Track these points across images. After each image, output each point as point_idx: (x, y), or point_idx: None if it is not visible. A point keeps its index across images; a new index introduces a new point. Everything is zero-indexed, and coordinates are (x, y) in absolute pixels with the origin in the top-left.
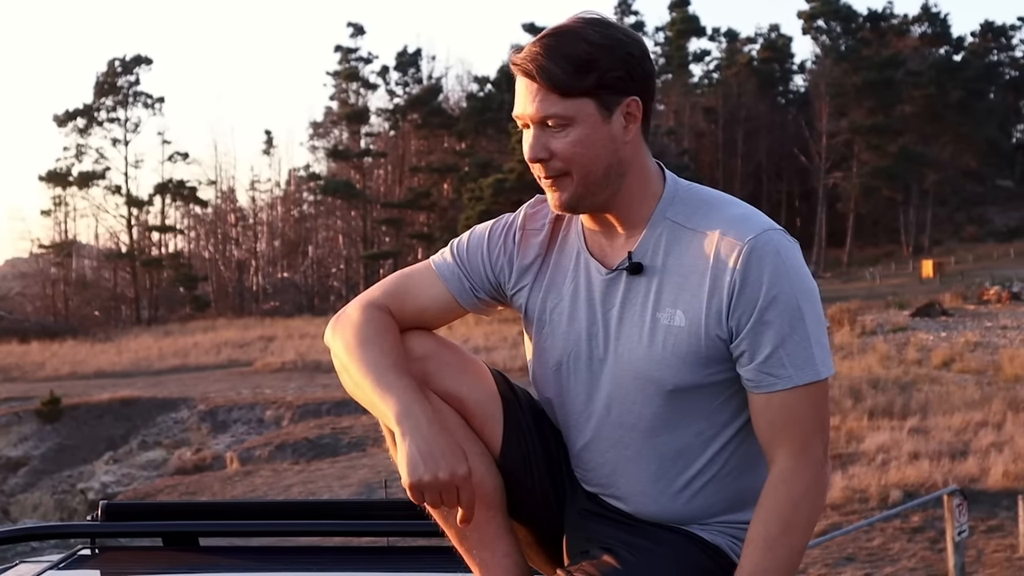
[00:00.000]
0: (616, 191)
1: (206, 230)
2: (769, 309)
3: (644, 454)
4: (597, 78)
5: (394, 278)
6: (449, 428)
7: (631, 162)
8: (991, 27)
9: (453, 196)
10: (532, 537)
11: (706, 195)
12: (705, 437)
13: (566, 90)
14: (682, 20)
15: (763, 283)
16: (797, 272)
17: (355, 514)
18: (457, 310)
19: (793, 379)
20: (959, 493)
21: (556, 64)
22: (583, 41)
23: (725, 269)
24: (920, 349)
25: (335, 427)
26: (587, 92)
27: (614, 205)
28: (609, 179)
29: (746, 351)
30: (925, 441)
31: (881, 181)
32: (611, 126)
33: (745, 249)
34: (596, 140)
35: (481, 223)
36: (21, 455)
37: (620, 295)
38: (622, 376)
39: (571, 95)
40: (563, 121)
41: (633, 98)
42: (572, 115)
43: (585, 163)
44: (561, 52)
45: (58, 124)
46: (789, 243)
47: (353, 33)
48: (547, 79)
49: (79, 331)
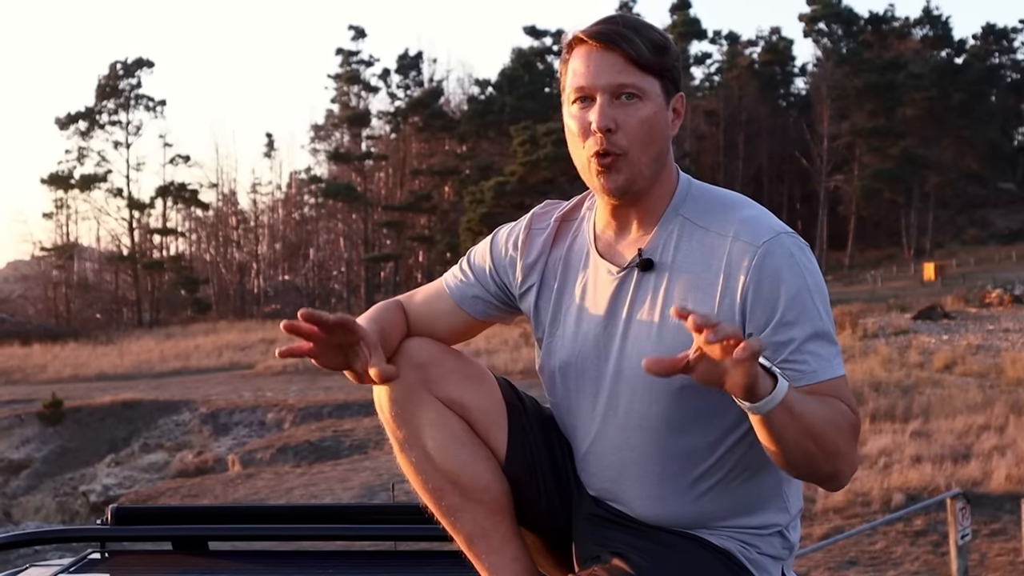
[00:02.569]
0: (652, 183)
1: (207, 233)
2: (789, 310)
3: (650, 455)
4: (668, 62)
5: (414, 291)
6: (454, 434)
7: (668, 157)
8: (992, 30)
9: (454, 199)
10: (540, 542)
11: (719, 194)
12: (712, 439)
13: (645, 64)
14: (683, 23)
15: (780, 286)
16: (811, 273)
17: (363, 518)
18: (466, 320)
19: (818, 374)
20: (962, 496)
21: (638, 38)
22: (653, 28)
23: (738, 271)
24: (922, 352)
25: (337, 430)
26: (660, 72)
27: (645, 198)
28: (655, 167)
29: (765, 352)
30: (927, 444)
31: (882, 184)
32: (667, 114)
33: (760, 252)
34: (658, 122)
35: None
36: (23, 458)
37: (630, 294)
38: (630, 374)
39: (647, 71)
40: (638, 92)
41: (682, 94)
42: (647, 89)
43: (646, 142)
44: (640, 31)
45: (60, 127)
46: (802, 245)
47: (354, 36)
48: (631, 49)
49: (81, 334)
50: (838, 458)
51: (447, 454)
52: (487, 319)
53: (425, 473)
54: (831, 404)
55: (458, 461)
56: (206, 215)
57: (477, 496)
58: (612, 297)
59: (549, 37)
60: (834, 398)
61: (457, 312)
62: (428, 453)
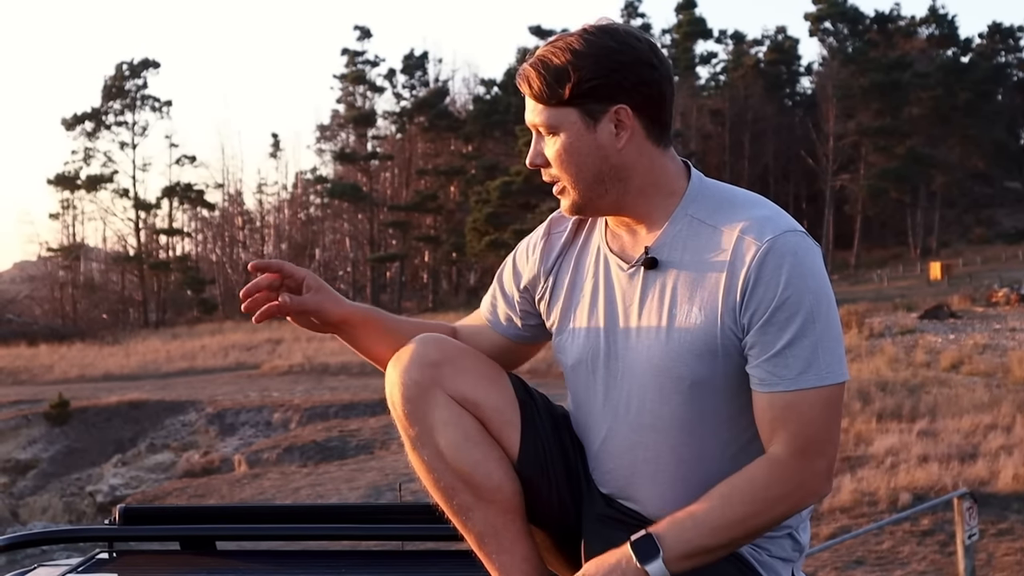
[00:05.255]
0: (622, 194)
1: (213, 233)
2: (781, 309)
3: (662, 456)
4: (573, 88)
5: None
6: (467, 433)
7: (633, 166)
8: (999, 28)
9: (460, 199)
10: (551, 542)
11: (730, 193)
12: (724, 440)
13: (546, 100)
14: (689, 22)
15: (778, 283)
16: (813, 275)
17: (371, 518)
18: (504, 343)
19: (796, 382)
20: (969, 496)
21: (538, 75)
22: (567, 51)
23: (741, 266)
24: (928, 351)
25: (343, 430)
26: (566, 102)
27: (625, 207)
28: (605, 184)
29: (754, 348)
30: (934, 444)
31: (889, 183)
32: (597, 134)
33: (763, 248)
34: (581, 148)
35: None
36: (30, 458)
37: (639, 292)
38: (640, 372)
39: (552, 105)
40: (550, 130)
41: (621, 106)
42: (556, 124)
43: (572, 170)
44: (544, 63)
45: (66, 128)
46: (809, 246)
47: (360, 36)
48: (531, 89)
49: (87, 334)
50: (780, 514)
51: (459, 453)
52: (521, 341)
53: (437, 472)
54: (733, 489)
55: (471, 460)
56: (212, 215)
57: (489, 495)
58: (621, 295)
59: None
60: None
61: (492, 335)
62: (440, 452)
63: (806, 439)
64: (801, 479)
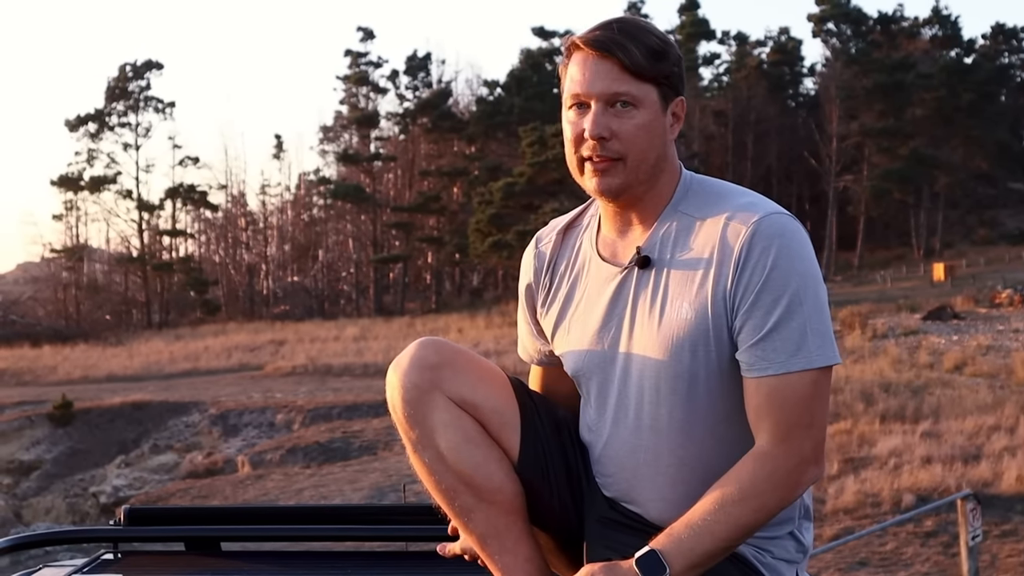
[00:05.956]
0: (652, 186)
1: (216, 234)
2: (766, 290)
3: (662, 458)
4: (665, 68)
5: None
6: (467, 435)
7: (671, 160)
8: (1002, 29)
9: (463, 200)
10: (553, 543)
11: (717, 187)
12: (725, 441)
13: (640, 72)
14: (691, 23)
15: (765, 264)
16: (801, 257)
17: (375, 519)
18: (554, 374)
19: (784, 365)
20: (972, 497)
21: (634, 46)
22: (652, 33)
23: (730, 252)
24: (932, 352)
25: (346, 431)
26: (656, 79)
27: (644, 199)
28: (653, 171)
29: (743, 332)
30: (937, 445)
31: (892, 184)
32: (665, 119)
33: (750, 230)
34: (655, 129)
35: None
36: (33, 459)
37: (631, 293)
38: (637, 374)
39: (643, 78)
40: (633, 101)
41: (682, 98)
42: (641, 97)
43: (643, 149)
44: (637, 37)
45: (69, 129)
46: (795, 227)
47: (363, 37)
48: (626, 57)
49: (90, 335)
50: (775, 506)
51: (460, 455)
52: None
53: (438, 474)
54: (724, 491)
55: (471, 462)
56: (215, 216)
57: (490, 496)
58: (614, 298)
59: (557, 38)
60: (751, 459)
61: (551, 371)
62: (441, 454)
63: (788, 426)
64: (788, 468)
